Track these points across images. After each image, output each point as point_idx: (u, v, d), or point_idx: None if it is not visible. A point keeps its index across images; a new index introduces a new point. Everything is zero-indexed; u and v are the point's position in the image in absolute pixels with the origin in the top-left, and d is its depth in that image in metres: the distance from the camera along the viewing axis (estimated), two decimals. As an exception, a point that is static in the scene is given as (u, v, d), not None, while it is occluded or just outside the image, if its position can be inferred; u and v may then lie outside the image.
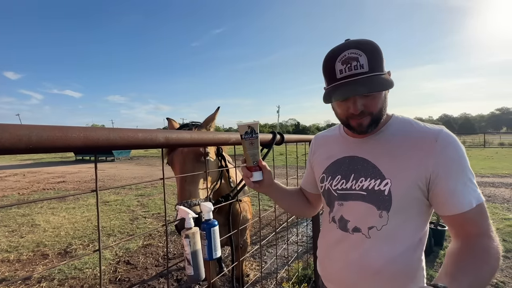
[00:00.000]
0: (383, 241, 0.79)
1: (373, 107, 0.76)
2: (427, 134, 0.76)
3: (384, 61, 0.75)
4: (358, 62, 0.71)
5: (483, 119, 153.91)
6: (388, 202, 0.77)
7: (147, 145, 0.65)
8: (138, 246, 3.69)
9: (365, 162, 0.83)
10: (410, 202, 0.76)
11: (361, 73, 0.71)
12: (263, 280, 2.77)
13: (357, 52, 0.72)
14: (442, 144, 0.73)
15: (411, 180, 0.75)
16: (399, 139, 0.79)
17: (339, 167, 0.90)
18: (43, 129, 0.45)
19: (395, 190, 0.76)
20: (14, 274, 3.02)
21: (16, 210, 5.60)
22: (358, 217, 0.83)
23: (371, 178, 0.80)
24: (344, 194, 0.86)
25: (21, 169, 14.29)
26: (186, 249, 0.82)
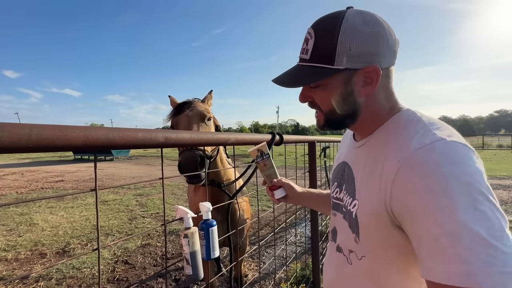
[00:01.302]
0: (365, 276, 0.63)
1: (321, 102, 0.63)
2: (400, 147, 0.53)
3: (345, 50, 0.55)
4: (306, 45, 0.60)
5: (482, 121, 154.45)
6: (356, 228, 0.62)
7: (147, 144, 0.65)
8: (137, 246, 3.68)
9: (350, 172, 0.69)
10: (382, 234, 0.56)
11: (303, 59, 0.61)
12: (261, 280, 2.77)
13: (311, 32, 0.59)
14: (407, 167, 0.48)
15: (375, 208, 0.55)
16: (380, 148, 0.59)
17: (337, 172, 0.79)
18: (43, 128, 0.45)
19: (361, 216, 0.60)
20: (12, 273, 3.01)
21: (14, 209, 5.58)
22: (342, 234, 0.71)
23: (349, 195, 0.66)
24: (337, 204, 0.75)
25: (19, 168, 14.25)
26: (185, 249, 0.82)
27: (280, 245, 3.65)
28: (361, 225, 0.60)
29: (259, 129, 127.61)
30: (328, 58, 0.56)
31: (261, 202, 5.72)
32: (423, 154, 0.48)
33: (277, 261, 3.22)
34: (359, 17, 0.56)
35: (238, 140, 1.02)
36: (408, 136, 0.54)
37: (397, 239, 0.55)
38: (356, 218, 0.62)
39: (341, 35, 0.54)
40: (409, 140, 0.53)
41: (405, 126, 0.57)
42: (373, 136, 0.63)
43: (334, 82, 0.59)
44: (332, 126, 0.65)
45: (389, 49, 0.57)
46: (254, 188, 7.00)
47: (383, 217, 0.54)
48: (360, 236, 0.61)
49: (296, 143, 1.66)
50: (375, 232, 0.58)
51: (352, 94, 0.59)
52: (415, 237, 0.47)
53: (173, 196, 6.58)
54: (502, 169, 10.04)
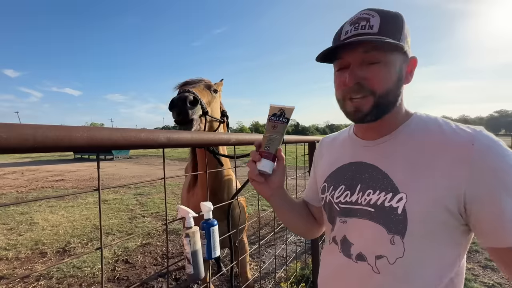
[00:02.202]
0: (398, 282, 0.59)
1: (376, 81, 0.59)
2: (459, 136, 0.56)
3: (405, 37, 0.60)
4: (368, 23, 0.58)
5: (482, 121, 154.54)
6: (402, 224, 0.58)
7: (149, 145, 0.66)
8: (137, 245, 3.69)
9: (374, 170, 0.65)
10: (434, 227, 0.57)
11: (368, 34, 0.58)
12: (262, 280, 2.78)
13: (370, 13, 0.59)
14: (482, 149, 0.53)
15: (435, 197, 0.55)
16: (420, 142, 0.61)
17: (343, 175, 0.72)
18: (49, 129, 0.45)
19: (412, 209, 0.57)
20: (12, 272, 3.02)
21: (15, 208, 5.59)
22: (364, 240, 0.65)
23: (382, 191, 0.62)
24: (348, 209, 0.68)
25: (19, 167, 14.26)
26: (186, 248, 0.83)
27: (280, 244, 3.66)
28: (412, 219, 0.57)
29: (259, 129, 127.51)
30: (397, 36, 0.59)
31: (261, 201, 5.73)
32: (489, 136, 0.55)
33: (277, 261, 3.23)
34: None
35: (239, 140, 1.02)
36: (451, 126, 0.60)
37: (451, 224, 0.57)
38: (404, 213, 0.58)
39: (404, 24, 0.60)
40: (458, 128, 0.59)
41: (434, 121, 0.63)
42: (400, 132, 0.65)
43: (396, 60, 0.60)
44: (377, 112, 0.62)
45: None
46: (254, 187, 6.96)
47: (446, 204, 0.55)
48: (407, 232, 0.58)
49: (296, 143, 1.67)
50: (430, 224, 0.57)
51: (401, 79, 0.62)
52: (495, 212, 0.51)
53: (174, 196, 6.58)
54: (502, 169, 10.03)
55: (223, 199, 1.55)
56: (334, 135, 0.89)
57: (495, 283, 2.55)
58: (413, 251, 0.58)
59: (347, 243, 0.68)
